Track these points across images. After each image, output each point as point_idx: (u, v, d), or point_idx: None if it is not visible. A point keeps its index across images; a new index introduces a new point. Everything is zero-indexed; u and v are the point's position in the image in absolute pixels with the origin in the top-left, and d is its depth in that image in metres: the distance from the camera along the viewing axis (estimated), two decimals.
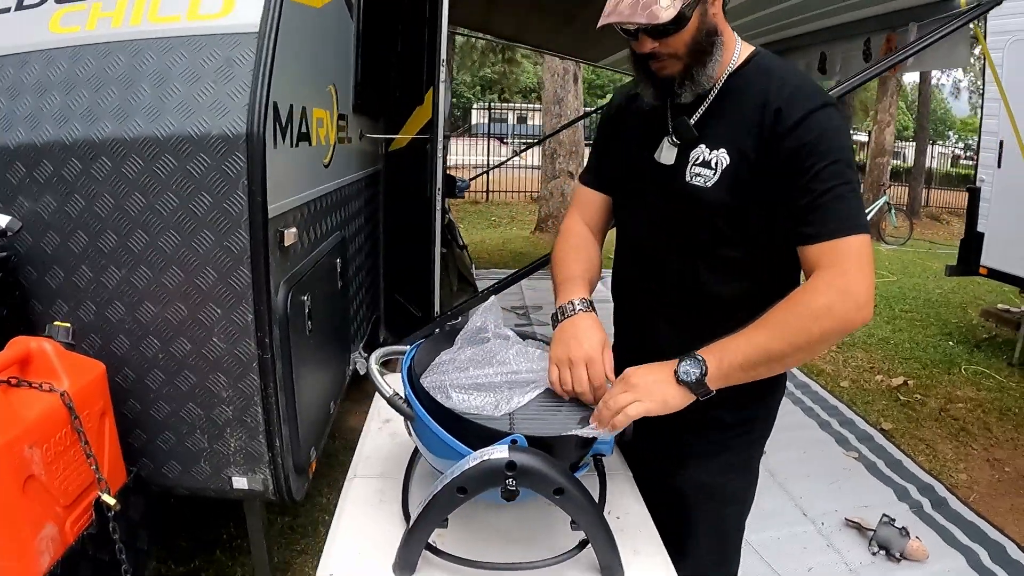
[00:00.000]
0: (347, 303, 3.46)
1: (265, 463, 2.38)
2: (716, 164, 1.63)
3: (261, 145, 2.12)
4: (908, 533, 3.60)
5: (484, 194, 17.93)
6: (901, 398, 5.80)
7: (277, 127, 2.27)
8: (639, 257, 1.86)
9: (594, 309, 1.71)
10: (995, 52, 5.19)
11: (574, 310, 1.69)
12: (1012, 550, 3.69)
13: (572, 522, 1.37)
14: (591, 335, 1.62)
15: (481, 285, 7.84)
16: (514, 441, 1.33)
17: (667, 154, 1.73)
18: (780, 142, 1.55)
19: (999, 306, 8.59)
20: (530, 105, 29.74)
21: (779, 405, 1.92)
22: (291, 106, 2.42)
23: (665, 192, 1.73)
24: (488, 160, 18.39)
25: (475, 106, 25.51)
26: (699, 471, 1.86)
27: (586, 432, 1.45)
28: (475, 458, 1.31)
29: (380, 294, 4.80)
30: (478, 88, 30.84)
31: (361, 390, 4.32)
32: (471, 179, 11.29)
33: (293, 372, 2.43)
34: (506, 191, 18.45)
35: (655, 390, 1.49)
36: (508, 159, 13.72)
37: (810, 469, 4.36)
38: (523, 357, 1.68)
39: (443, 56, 3.72)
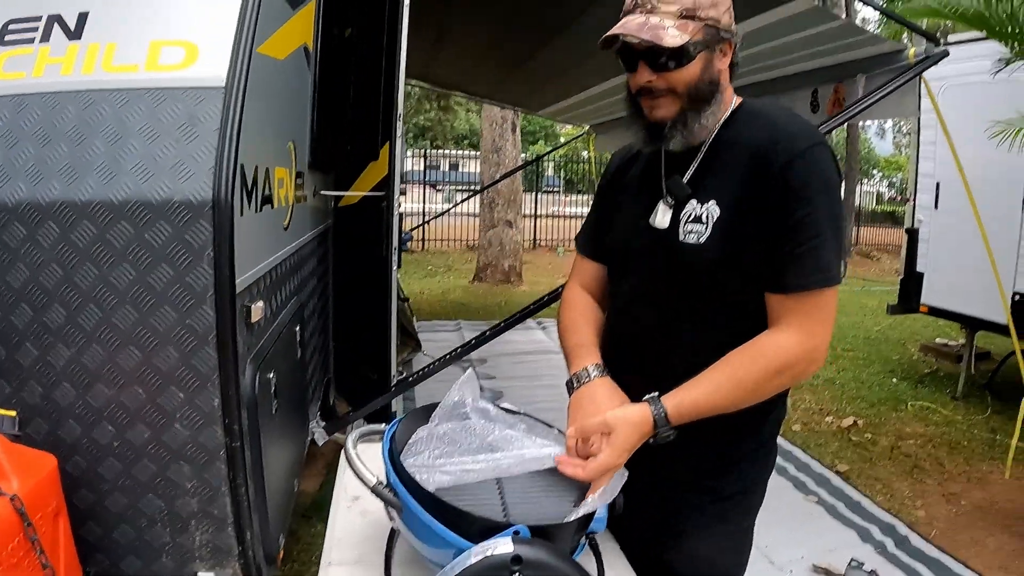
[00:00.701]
0: (304, 371, 3.26)
1: (234, 556, 2.15)
2: (707, 218, 1.61)
3: (229, 213, 1.93)
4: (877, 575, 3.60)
5: (421, 243, 17.77)
6: (853, 438, 5.82)
7: (244, 192, 2.08)
8: (636, 322, 1.79)
9: (609, 374, 1.69)
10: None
11: (589, 377, 1.68)
12: None
13: None
14: (609, 402, 1.61)
15: (423, 337, 7.70)
16: (516, 532, 1.27)
17: (662, 218, 1.69)
18: (767, 186, 1.55)
19: (938, 340, 8.79)
20: (463, 152, 29.88)
21: (771, 475, 1.88)
22: (256, 167, 2.24)
23: (660, 253, 1.69)
24: (424, 207, 18.32)
25: (409, 153, 25.52)
26: (694, 544, 1.78)
27: (586, 509, 1.40)
28: (477, 554, 1.23)
29: (331, 355, 4.59)
30: (411, 135, 30.86)
31: (309, 452, 4.10)
32: (412, 229, 11.17)
33: (262, 457, 2.22)
34: (442, 240, 18.33)
35: (631, 449, 1.51)
36: (450, 208, 13.65)
37: (772, 517, 4.17)
38: (511, 437, 1.60)
39: (401, 111, 3.59)
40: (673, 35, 1.51)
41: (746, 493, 1.81)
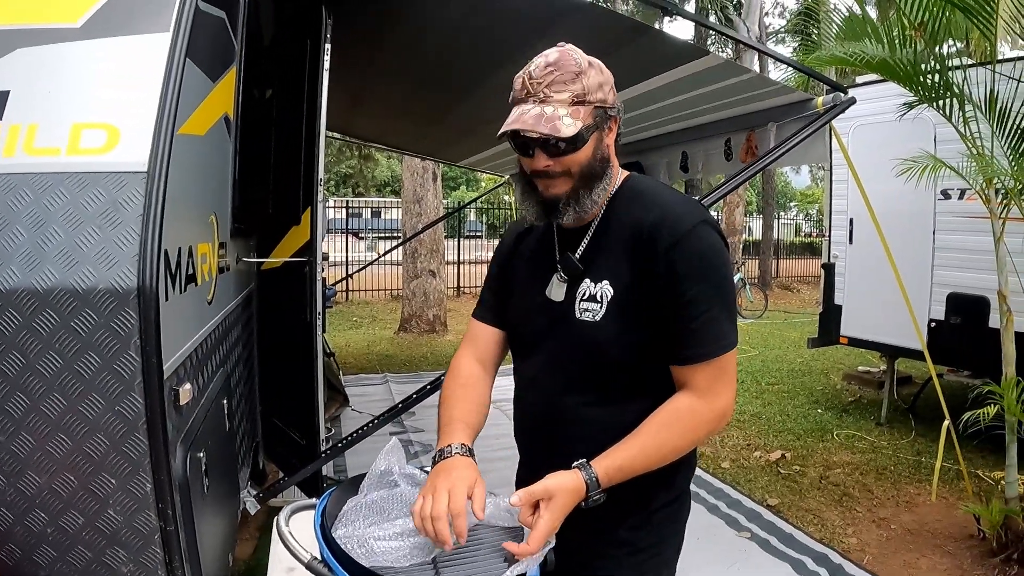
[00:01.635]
0: (234, 443, 3.22)
1: None
2: (601, 297, 1.70)
3: (154, 299, 1.92)
4: None
5: (344, 294, 17.63)
6: (782, 471, 5.96)
7: (168, 276, 2.08)
8: (541, 394, 1.85)
9: (472, 456, 1.70)
10: (842, 137, 5.51)
11: (451, 454, 1.67)
12: None
13: None
14: (462, 472, 1.60)
15: (350, 392, 7.65)
16: None
17: (557, 291, 1.78)
18: (654, 268, 1.64)
19: (860, 369, 9.09)
20: (385, 199, 29.81)
21: (686, 524, 1.94)
22: (179, 249, 2.24)
23: (558, 330, 1.77)
24: (347, 256, 18.19)
25: (331, 202, 25.33)
26: None
27: (519, 569, 1.42)
28: None
29: (258, 419, 4.53)
30: (333, 183, 30.69)
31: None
32: (335, 284, 11.08)
33: (196, 537, 2.20)
34: (366, 289, 18.21)
35: (566, 513, 1.55)
36: (373, 261, 13.60)
37: (707, 556, 4.35)
38: None
39: (321, 176, 3.60)
40: (568, 124, 1.60)
41: (661, 545, 1.86)
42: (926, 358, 5.24)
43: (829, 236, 7.38)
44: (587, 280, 1.73)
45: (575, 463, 1.60)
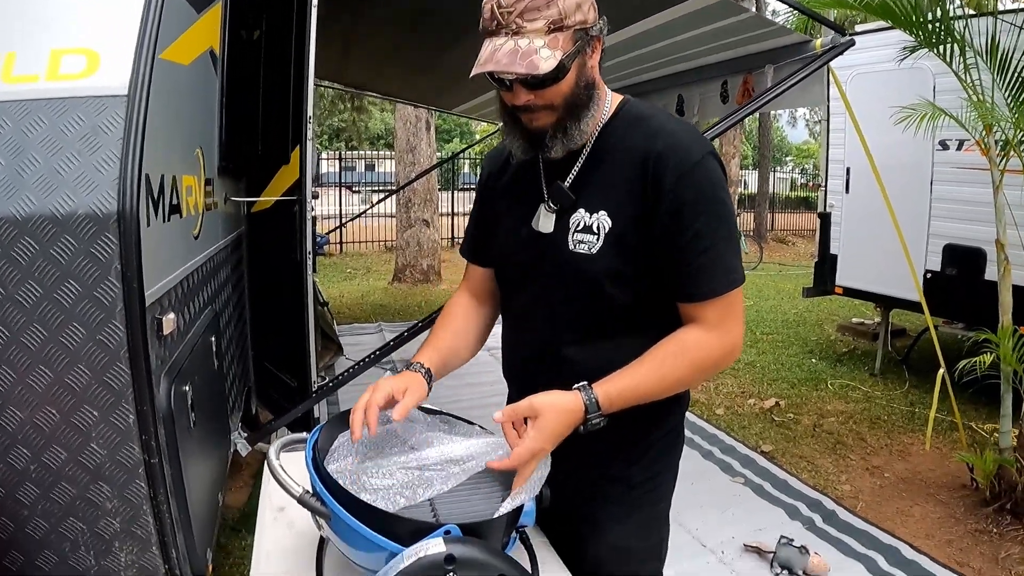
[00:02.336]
0: (223, 382, 3.19)
1: None
2: (598, 228, 1.62)
3: (135, 224, 1.86)
4: (808, 550, 3.71)
5: (338, 246, 17.57)
6: (776, 419, 6.01)
7: (150, 202, 2.02)
8: (531, 330, 1.81)
9: (427, 374, 1.73)
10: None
11: (410, 368, 1.72)
12: (906, 551, 3.88)
13: None
14: (399, 380, 1.64)
15: (344, 341, 7.62)
16: (447, 532, 1.27)
17: (545, 222, 1.70)
18: (660, 200, 1.56)
19: (854, 320, 9.12)
20: (379, 152, 29.60)
21: (680, 458, 1.92)
22: (162, 176, 2.17)
23: (548, 263, 1.70)
24: (340, 209, 18.11)
25: (324, 155, 25.12)
26: (612, 534, 1.82)
27: (514, 503, 1.42)
28: (410, 555, 1.23)
29: (250, 363, 4.50)
30: (326, 137, 30.46)
31: (234, 463, 4.02)
32: (328, 233, 11.02)
33: (183, 473, 2.16)
34: (360, 241, 18.14)
35: (558, 435, 1.52)
36: (366, 210, 13.50)
37: (701, 500, 4.40)
38: (433, 439, 1.62)
39: (310, 113, 3.53)
40: (547, 56, 1.46)
41: (655, 479, 1.84)
42: (923, 307, 5.22)
43: (825, 186, 7.34)
44: (581, 210, 1.65)
45: (575, 385, 1.56)
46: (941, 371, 4.73)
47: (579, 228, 1.64)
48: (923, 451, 5.26)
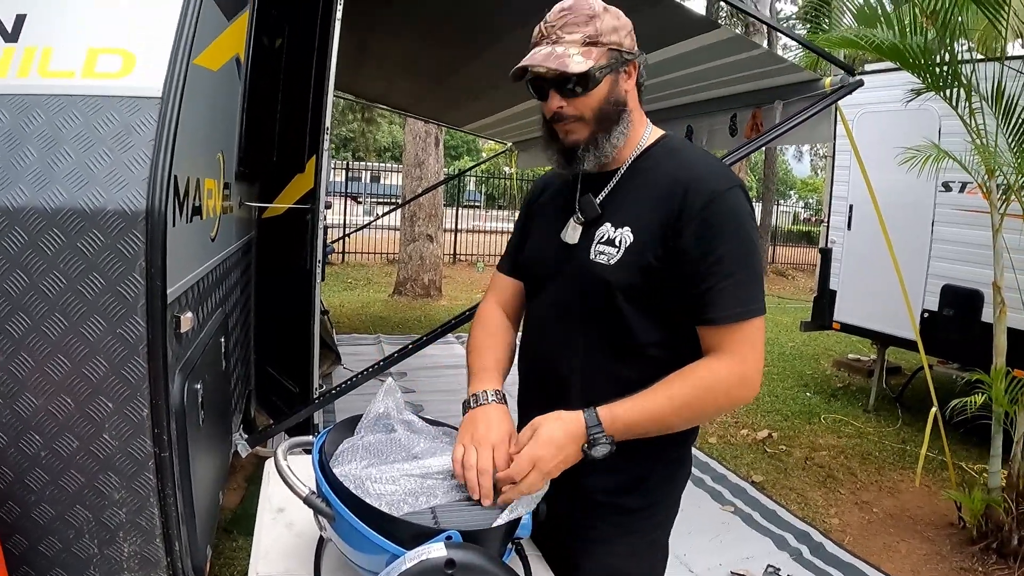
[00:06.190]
0: (228, 383, 3.23)
1: (163, 568, 2.13)
2: (620, 242, 1.67)
3: (162, 223, 1.92)
4: None
5: (340, 256, 17.59)
6: (768, 450, 6.03)
7: (176, 203, 2.08)
8: (545, 339, 1.85)
9: (506, 401, 1.72)
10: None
11: (487, 400, 1.70)
12: None
13: None
14: (500, 424, 1.63)
15: (343, 351, 7.65)
16: (448, 537, 1.30)
17: (572, 233, 1.77)
18: (686, 224, 1.60)
19: (850, 356, 9.13)
20: (384, 165, 29.68)
21: (683, 491, 1.93)
22: (188, 179, 2.23)
23: (567, 269, 1.76)
24: (345, 219, 18.14)
25: (331, 164, 25.16)
26: (605, 555, 1.83)
27: (512, 514, 1.45)
28: (412, 559, 1.26)
29: (252, 367, 4.55)
30: (334, 146, 30.55)
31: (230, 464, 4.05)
32: (334, 242, 11.05)
33: (190, 468, 2.21)
34: (362, 252, 18.17)
35: (557, 444, 1.54)
36: (371, 222, 13.53)
37: (690, 526, 4.37)
38: (436, 449, 1.64)
39: (328, 124, 3.59)
40: (578, 61, 1.60)
41: (652, 507, 1.85)
42: (919, 346, 5.26)
43: (828, 221, 7.39)
44: (607, 224, 1.70)
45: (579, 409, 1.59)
46: (933, 410, 4.77)
47: (602, 240, 1.70)
48: (912, 488, 5.29)
